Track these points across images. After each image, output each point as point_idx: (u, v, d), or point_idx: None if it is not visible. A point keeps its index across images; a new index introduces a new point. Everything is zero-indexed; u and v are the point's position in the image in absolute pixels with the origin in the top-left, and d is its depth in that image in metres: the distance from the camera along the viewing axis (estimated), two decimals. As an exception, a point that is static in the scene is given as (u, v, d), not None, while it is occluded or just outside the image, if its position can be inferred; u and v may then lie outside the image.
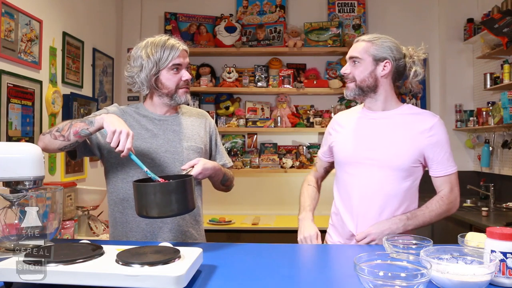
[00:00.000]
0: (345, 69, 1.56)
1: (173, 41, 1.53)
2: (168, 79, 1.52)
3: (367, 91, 1.53)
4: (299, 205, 1.68)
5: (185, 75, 1.54)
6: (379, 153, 1.50)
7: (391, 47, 1.51)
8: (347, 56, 1.57)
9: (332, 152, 1.67)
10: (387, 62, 1.51)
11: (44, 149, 1.44)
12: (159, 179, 1.32)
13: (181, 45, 1.53)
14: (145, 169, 1.32)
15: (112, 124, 1.30)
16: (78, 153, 1.52)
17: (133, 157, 1.32)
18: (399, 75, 1.56)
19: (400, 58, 1.53)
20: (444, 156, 1.49)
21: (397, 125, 1.52)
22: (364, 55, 1.51)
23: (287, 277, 1.13)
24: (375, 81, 1.52)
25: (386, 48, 1.51)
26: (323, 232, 1.63)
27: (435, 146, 1.48)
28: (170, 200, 1.23)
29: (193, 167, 1.45)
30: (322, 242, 1.56)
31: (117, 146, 1.29)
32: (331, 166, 1.75)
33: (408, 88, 1.60)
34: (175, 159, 1.55)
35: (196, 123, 1.66)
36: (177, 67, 1.52)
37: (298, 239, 1.56)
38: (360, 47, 1.53)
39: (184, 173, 1.44)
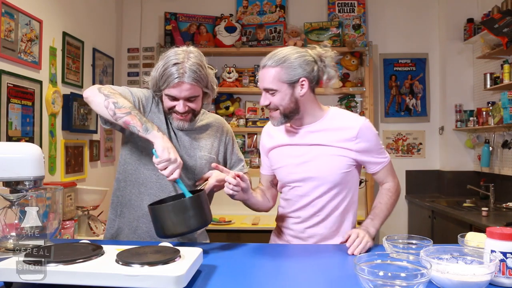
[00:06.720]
0: (264, 102, 1.46)
1: (175, 69, 1.40)
2: (164, 99, 1.49)
3: (291, 115, 1.47)
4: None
5: (178, 107, 1.45)
6: (316, 167, 1.48)
7: (300, 64, 1.41)
8: (261, 87, 1.46)
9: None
10: (303, 81, 1.43)
11: (87, 100, 1.41)
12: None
13: (180, 78, 1.40)
14: (188, 196, 1.34)
15: (166, 151, 1.31)
16: (112, 125, 1.47)
17: (180, 183, 1.35)
18: (317, 82, 1.49)
19: (313, 69, 1.44)
20: (375, 149, 1.49)
21: (326, 134, 1.49)
22: (278, 84, 1.41)
23: (287, 277, 1.13)
24: (297, 103, 1.45)
25: (297, 67, 1.41)
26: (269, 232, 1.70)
27: (366, 147, 1.48)
28: (184, 217, 1.25)
29: (207, 180, 1.46)
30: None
31: (163, 170, 1.31)
32: (275, 178, 1.63)
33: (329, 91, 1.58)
34: (187, 167, 1.53)
35: (212, 132, 1.64)
36: (172, 97, 1.45)
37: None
38: (270, 76, 1.41)
39: (198, 187, 1.47)
